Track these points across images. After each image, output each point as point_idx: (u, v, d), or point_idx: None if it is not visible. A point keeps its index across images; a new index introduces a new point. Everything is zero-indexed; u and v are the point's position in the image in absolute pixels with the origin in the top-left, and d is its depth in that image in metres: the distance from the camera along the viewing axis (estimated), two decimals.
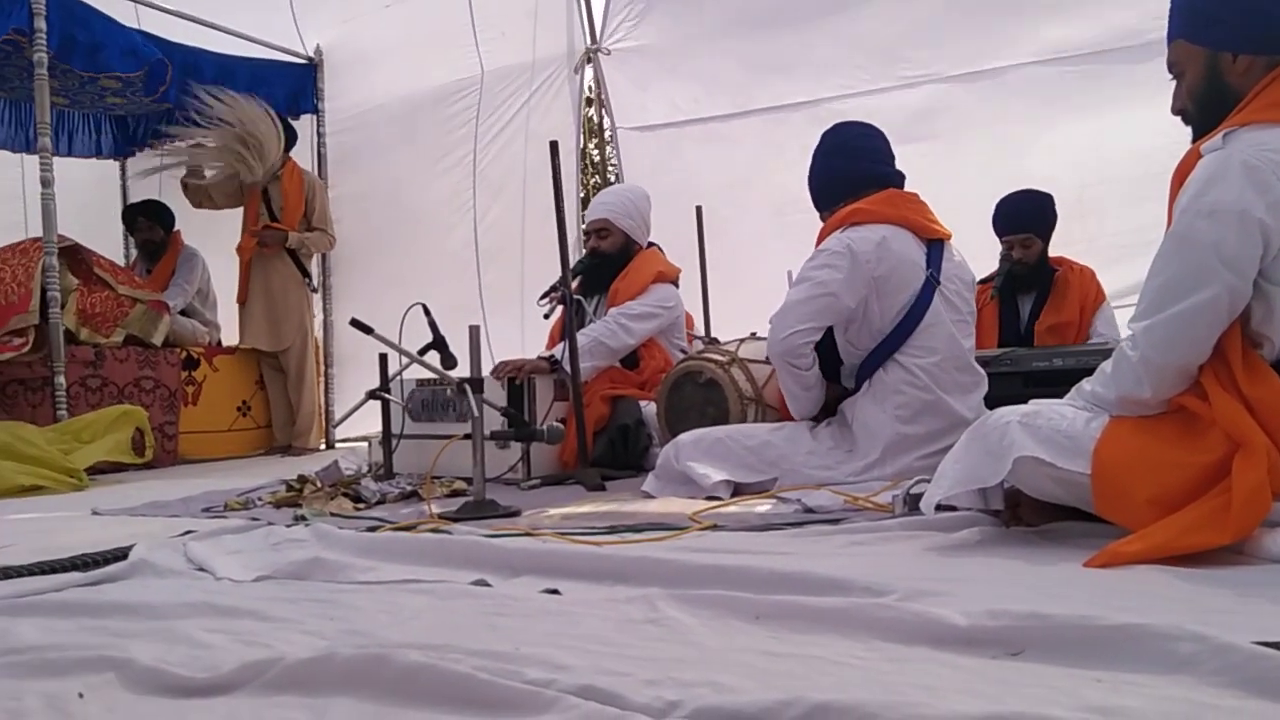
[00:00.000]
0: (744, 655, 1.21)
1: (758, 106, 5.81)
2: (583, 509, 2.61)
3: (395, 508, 2.88)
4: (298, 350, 5.54)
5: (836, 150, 2.96)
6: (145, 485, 3.90)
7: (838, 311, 2.79)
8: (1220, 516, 1.57)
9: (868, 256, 2.74)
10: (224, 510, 2.96)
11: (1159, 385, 1.73)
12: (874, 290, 2.75)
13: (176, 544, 2.17)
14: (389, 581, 1.74)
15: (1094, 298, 4.04)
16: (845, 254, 2.75)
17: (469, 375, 2.76)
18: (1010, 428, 1.82)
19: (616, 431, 3.53)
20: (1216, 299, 1.66)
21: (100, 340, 4.75)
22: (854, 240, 2.76)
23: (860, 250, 2.74)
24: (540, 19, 6.07)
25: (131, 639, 1.39)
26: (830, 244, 2.81)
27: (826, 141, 3.01)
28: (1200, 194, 1.69)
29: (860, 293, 2.75)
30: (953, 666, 1.14)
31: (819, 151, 3.01)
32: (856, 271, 2.73)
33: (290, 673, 1.17)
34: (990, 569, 1.66)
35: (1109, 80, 4.65)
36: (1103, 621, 1.16)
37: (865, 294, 2.75)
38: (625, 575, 1.68)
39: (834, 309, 2.78)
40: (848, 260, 2.74)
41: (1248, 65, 1.78)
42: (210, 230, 5.75)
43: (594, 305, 3.93)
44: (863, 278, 2.74)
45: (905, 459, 2.71)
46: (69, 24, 4.60)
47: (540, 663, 1.16)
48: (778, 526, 2.20)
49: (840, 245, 2.77)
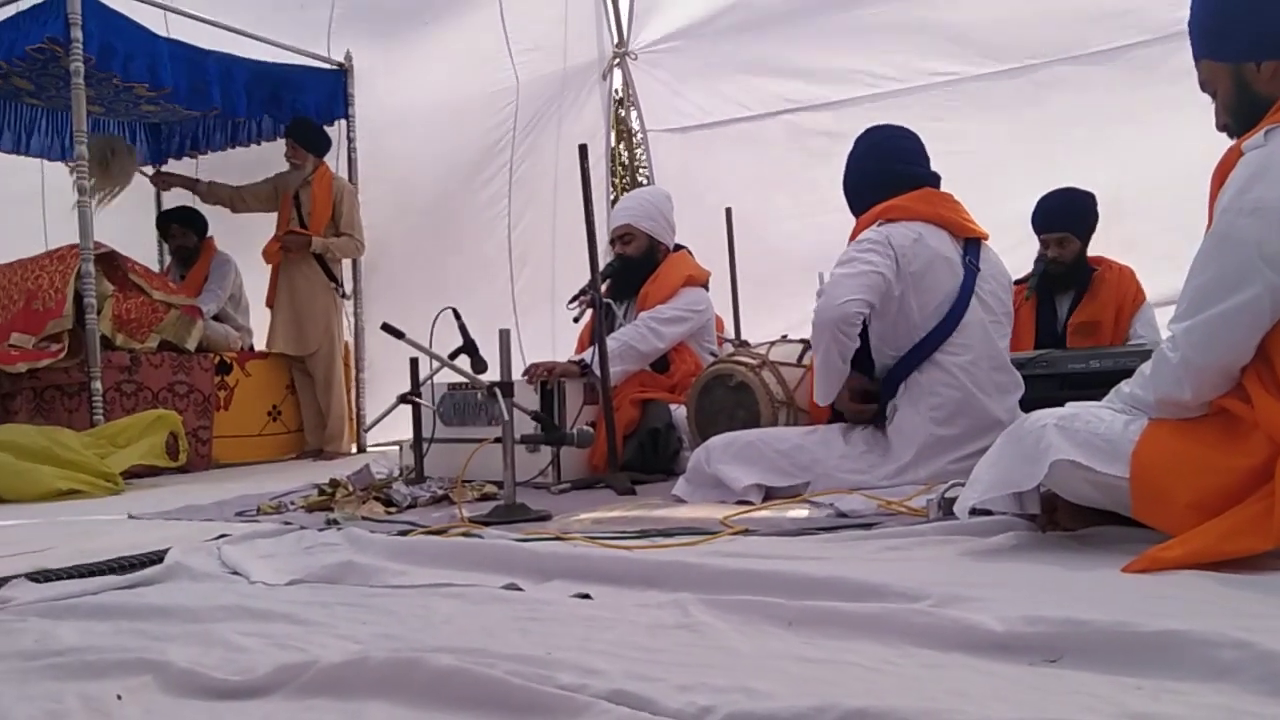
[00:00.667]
0: (777, 661, 1.20)
1: (786, 107, 5.79)
2: (613, 513, 2.61)
3: (426, 511, 2.89)
4: (325, 355, 5.57)
5: (870, 152, 2.95)
6: (180, 489, 3.95)
7: (884, 292, 2.72)
8: (1263, 521, 1.54)
9: (904, 251, 2.72)
10: (257, 514, 2.99)
11: (1199, 387, 1.70)
12: (910, 286, 2.73)
13: (211, 547, 2.20)
14: (421, 585, 1.75)
15: (1132, 298, 3.97)
16: (884, 244, 2.73)
17: (499, 379, 2.77)
18: (1047, 431, 1.79)
19: (646, 435, 3.52)
20: (1258, 299, 1.63)
21: (135, 346, 4.81)
22: (892, 233, 2.75)
23: (898, 244, 2.73)
24: (570, 25, 6.09)
25: (168, 642, 1.41)
26: (869, 234, 2.78)
27: (860, 144, 3.00)
28: (1243, 191, 1.66)
29: (898, 282, 2.73)
30: (988, 673, 1.13)
31: (853, 155, 3.00)
32: (895, 261, 2.72)
33: (324, 676, 1.18)
34: (1026, 574, 1.63)
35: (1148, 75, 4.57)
36: (1142, 628, 1.14)
37: (902, 287, 2.73)
38: (656, 580, 1.68)
39: (880, 288, 2.71)
40: (888, 249, 2.72)
41: (1273, 70, 1.76)
42: (243, 236, 5.81)
43: (624, 309, 3.93)
44: (900, 269, 2.72)
45: (939, 462, 2.69)
46: (106, 33, 4.66)
47: (572, 667, 1.15)
48: (810, 531, 2.19)
49: (879, 236, 2.75)
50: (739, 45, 5.85)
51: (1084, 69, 4.89)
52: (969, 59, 5.19)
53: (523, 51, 6.16)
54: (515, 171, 6.36)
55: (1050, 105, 4.99)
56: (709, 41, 5.98)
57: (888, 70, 5.39)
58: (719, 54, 5.94)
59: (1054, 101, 4.98)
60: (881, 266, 2.71)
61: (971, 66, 5.20)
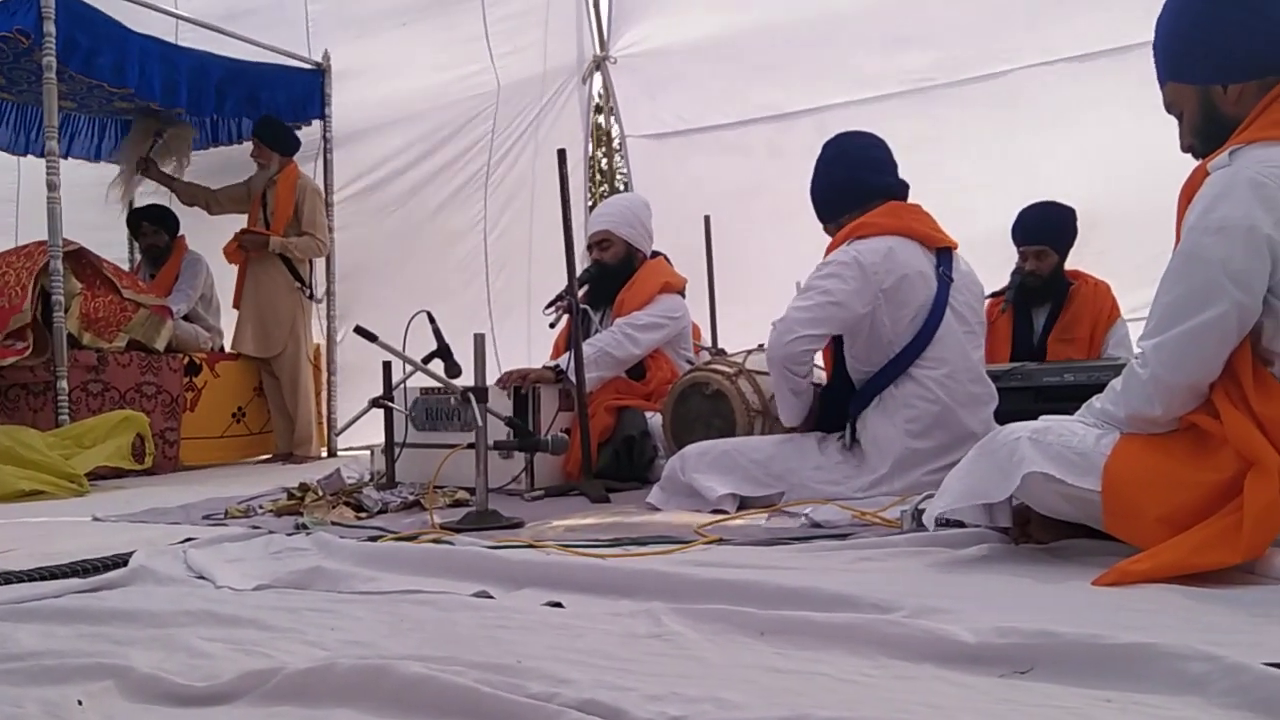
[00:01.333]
0: (748, 671, 1.20)
1: (763, 114, 5.81)
2: (586, 521, 2.60)
3: (397, 517, 2.87)
4: (290, 357, 5.50)
5: (839, 160, 2.94)
6: (146, 491, 3.90)
7: (842, 321, 2.76)
8: (1231, 536, 1.55)
9: (876, 268, 2.72)
10: (224, 518, 2.95)
11: (1169, 403, 1.72)
12: (883, 301, 2.73)
13: (177, 551, 2.17)
14: (390, 592, 1.73)
15: (1107, 314, 4.02)
16: (853, 265, 2.73)
17: (473, 384, 2.75)
18: (1020, 444, 1.81)
19: (621, 443, 3.52)
20: (1225, 316, 1.66)
21: (103, 345, 4.75)
22: (861, 252, 2.75)
23: (868, 262, 2.73)
24: (551, 28, 6.09)
25: (131, 646, 1.39)
26: (837, 255, 2.79)
27: (828, 152, 2.99)
28: (1208, 210, 1.68)
29: (868, 303, 2.73)
30: (960, 685, 1.13)
31: (821, 162, 2.99)
32: (865, 282, 2.71)
33: (290, 683, 1.16)
34: (999, 586, 1.64)
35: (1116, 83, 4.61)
36: (1112, 640, 1.15)
37: (873, 305, 2.73)
38: (629, 589, 1.67)
39: (838, 318, 2.75)
40: (856, 271, 2.72)
41: (1239, 93, 1.79)
42: (215, 236, 5.75)
43: (600, 315, 3.92)
44: (871, 289, 2.72)
45: (914, 474, 2.69)
46: (73, 27, 4.59)
47: (543, 676, 1.14)
48: (784, 541, 2.19)
49: (847, 257, 2.75)
50: (718, 52, 5.87)
51: (1062, 77, 4.93)
52: (946, 68, 5.22)
53: (503, 55, 6.15)
54: (492, 175, 6.34)
55: (1025, 114, 5.03)
56: (688, 48, 5.99)
57: (866, 78, 5.41)
58: (698, 60, 5.95)
59: (1029, 111, 5.02)
60: (840, 294, 2.71)
61: (947, 74, 5.23)
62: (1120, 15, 4.62)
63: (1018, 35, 5.02)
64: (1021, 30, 5.01)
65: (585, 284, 3.82)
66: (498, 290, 6.43)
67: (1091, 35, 4.82)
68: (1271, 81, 1.75)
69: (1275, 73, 1.75)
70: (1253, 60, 1.76)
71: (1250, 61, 1.76)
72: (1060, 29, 4.90)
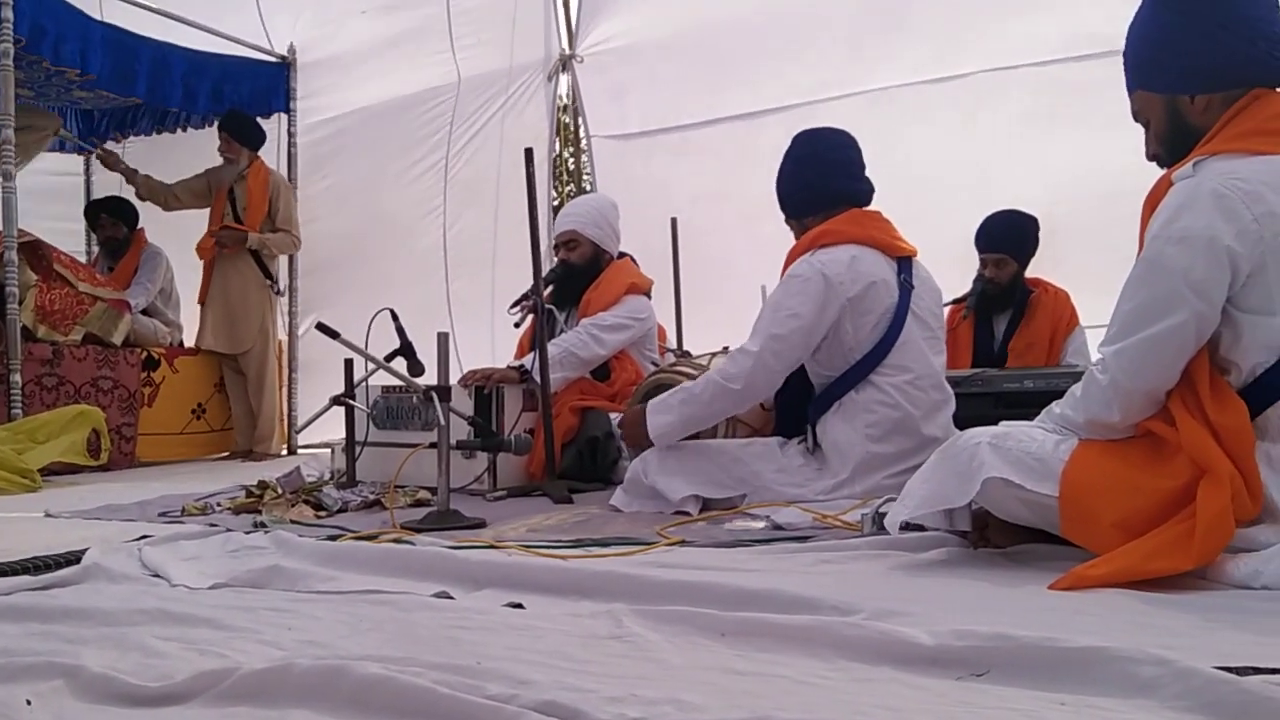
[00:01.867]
0: (708, 673, 1.20)
1: (729, 114, 5.82)
2: (549, 522, 2.59)
3: (357, 516, 2.84)
4: (258, 353, 5.45)
5: (809, 162, 2.93)
6: (101, 488, 3.83)
7: (808, 347, 2.78)
8: (1184, 542, 1.58)
9: (841, 278, 2.74)
10: (181, 515, 2.91)
11: (1127, 409, 1.75)
12: (847, 311, 2.74)
13: (131, 549, 2.13)
14: (349, 592, 1.71)
15: (1066, 322, 4.07)
16: (818, 279, 2.74)
17: (436, 383, 2.74)
18: (980, 449, 1.82)
19: (585, 443, 3.51)
20: (1184, 324, 1.68)
21: (58, 338, 4.67)
22: (825, 264, 2.75)
23: (833, 274, 2.74)
24: (518, 24, 6.06)
25: (82, 645, 1.36)
26: (802, 269, 2.79)
27: (800, 150, 2.97)
28: (1171, 220, 1.71)
29: (834, 315, 2.74)
30: (917, 687, 1.14)
31: (791, 159, 2.98)
32: (830, 295, 2.73)
33: (245, 683, 1.14)
34: (957, 589, 1.66)
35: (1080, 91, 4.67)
36: (1067, 644, 1.17)
37: (838, 315, 2.75)
38: (590, 590, 1.67)
39: (806, 345, 2.77)
40: (821, 286, 2.73)
41: (1205, 104, 1.81)
42: (174, 229, 5.67)
43: (565, 315, 3.91)
44: (837, 301, 2.73)
45: (875, 477, 2.71)
46: (39, 13, 4.52)
47: (502, 678, 1.14)
48: (746, 543, 2.20)
49: (812, 271, 2.76)
50: (685, 52, 5.88)
51: (1024, 83, 4.99)
52: (912, 69, 5.27)
53: (466, 47, 6.12)
54: (451, 169, 6.30)
55: (989, 119, 5.08)
56: (656, 46, 5.99)
57: (831, 78, 5.44)
58: (665, 59, 5.95)
59: (993, 115, 5.08)
60: (808, 314, 2.73)
61: (913, 75, 5.28)
62: (1083, 20, 4.68)
63: (982, 39, 5.07)
64: (984, 34, 5.06)
65: (551, 284, 3.81)
66: (457, 289, 6.40)
67: (1054, 40, 4.87)
68: (1237, 94, 1.78)
69: (1241, 85, 1.78)
70: (1219, 72, 1.78)
71: (1217, 73, 1.79)
72: (1022, 33, 4.96)
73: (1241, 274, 1.67)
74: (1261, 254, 1.66)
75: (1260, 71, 1.77)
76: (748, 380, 2.76)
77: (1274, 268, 1.66)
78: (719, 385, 2.78)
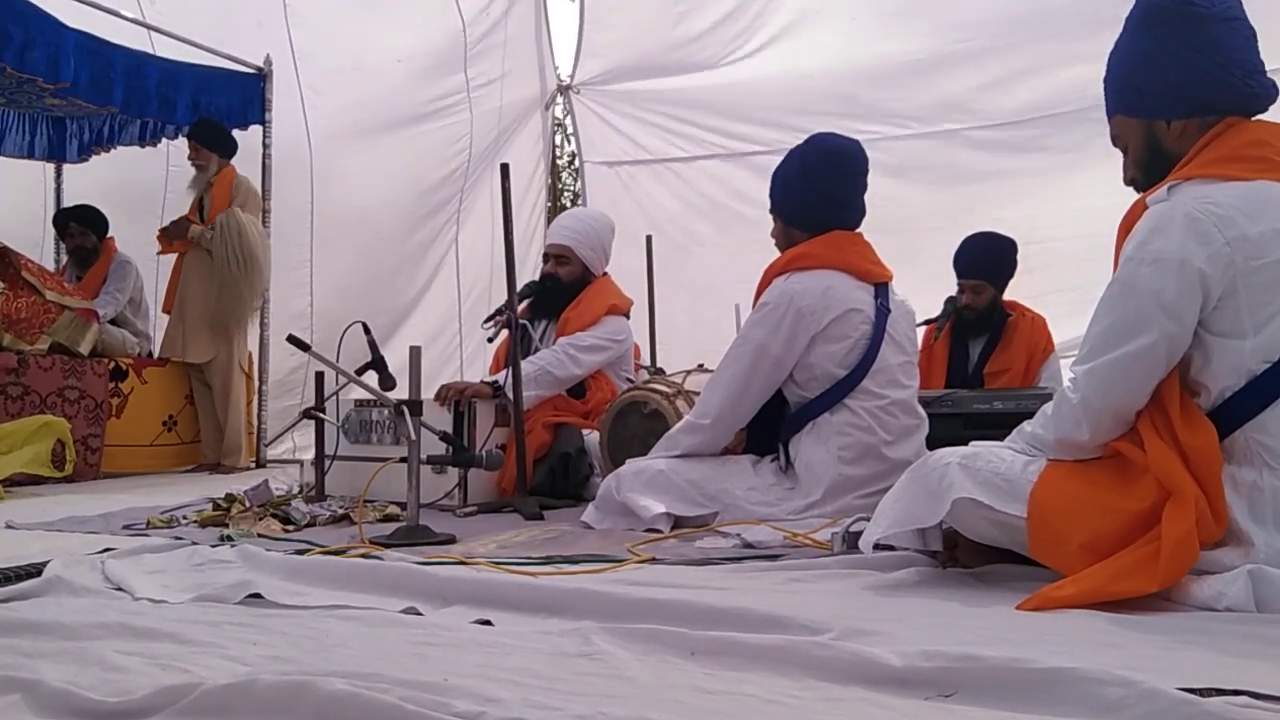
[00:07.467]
0: (677, 692, 1.20)
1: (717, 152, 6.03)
2: (519, 538, 2.58)
3: (326, 531, 2.81)
4: (222, 364, 5.37)
5: (817, 178, 2.88)
6: (64, 499, 3.77)
7: (778, 381, 2.83)
8: (1150, 564, 1.59)
9: (813, 308, 2.75)
10: (146, 528, 2.87)
11: (1097, 429, 1.76)
12: (819, 337, 2.76)
13: (94, 561, 2.10)
14: (316, 607, 1.70)
15: (1043, 347, 4.09)
16: (789, 310, 2.76)
17: (408, 397, 2.72)
18: (950, 469, 1.84)
19: (557, 460, 3.50)
20: (1155, 345, 1.70)
21: (24, 347, 4.59)
22: (797, 292, 2.77)
23: (804, 305, 2.75)
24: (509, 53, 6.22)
25: (41, 659, 1.34)
26: (774, 296, 2.80)
27: (813, 157, 2.90)
28: (1144, 243, 1.73)
29: (801, 347, 2.77)
30: (886, 707, 1.14)
31: (801, 163, 2.92)
32: (799, 327, 2.75)
33: (208, 699, 1.13)
34: (926, 610, 1.66)
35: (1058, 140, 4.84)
36: (1034, 665, 1.17)
37: (809, 342, 2.77)
38: (559, 607, 1.66)
39: (775, 379, 2.82)
40: (792, 318, 2.75)
41: (1182, 129, 1.84)
42: (144, 238, 5.61)
43: (541, 331, 3.89)
44: (806, 333, 2.76)
45: (846, 498, 2.72)
46: (6, 19, 4.45)
47: (469, 695, 1.13)
48: (716, 561, 2.19)
49: (784, 299, 2.77)
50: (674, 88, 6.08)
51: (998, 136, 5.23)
52: (891, 121, 5.48)
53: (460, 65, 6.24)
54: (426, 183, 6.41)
55: (964, 166, 5.31)
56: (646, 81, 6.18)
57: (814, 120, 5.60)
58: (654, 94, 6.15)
59: (969, 163, 5.31)
60: (776, 348, 2.76)
61: (893, 128, 5.48)
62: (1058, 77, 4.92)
63: (966, 99, 5.32)
64: (967, 95, 5.31)
65: (527, 298, 3.80)
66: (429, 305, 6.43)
67: (1030, 98, 5.12)
68: (1212, 120, 1.81)
69: (1216, 112, 1.81)
70: (1196, 98, 1.81)
71: (1194, 99, 1.81)
72: (1000, 97, 5.19)
73: (1213, 297, 1.69)
74: (1233, 277, 1.68)
75: (1234, 99, 1.80)
76: (717, 414, 2.84)
77: (1245, 292, 1.68)
78: (690, 423, 2.89)
